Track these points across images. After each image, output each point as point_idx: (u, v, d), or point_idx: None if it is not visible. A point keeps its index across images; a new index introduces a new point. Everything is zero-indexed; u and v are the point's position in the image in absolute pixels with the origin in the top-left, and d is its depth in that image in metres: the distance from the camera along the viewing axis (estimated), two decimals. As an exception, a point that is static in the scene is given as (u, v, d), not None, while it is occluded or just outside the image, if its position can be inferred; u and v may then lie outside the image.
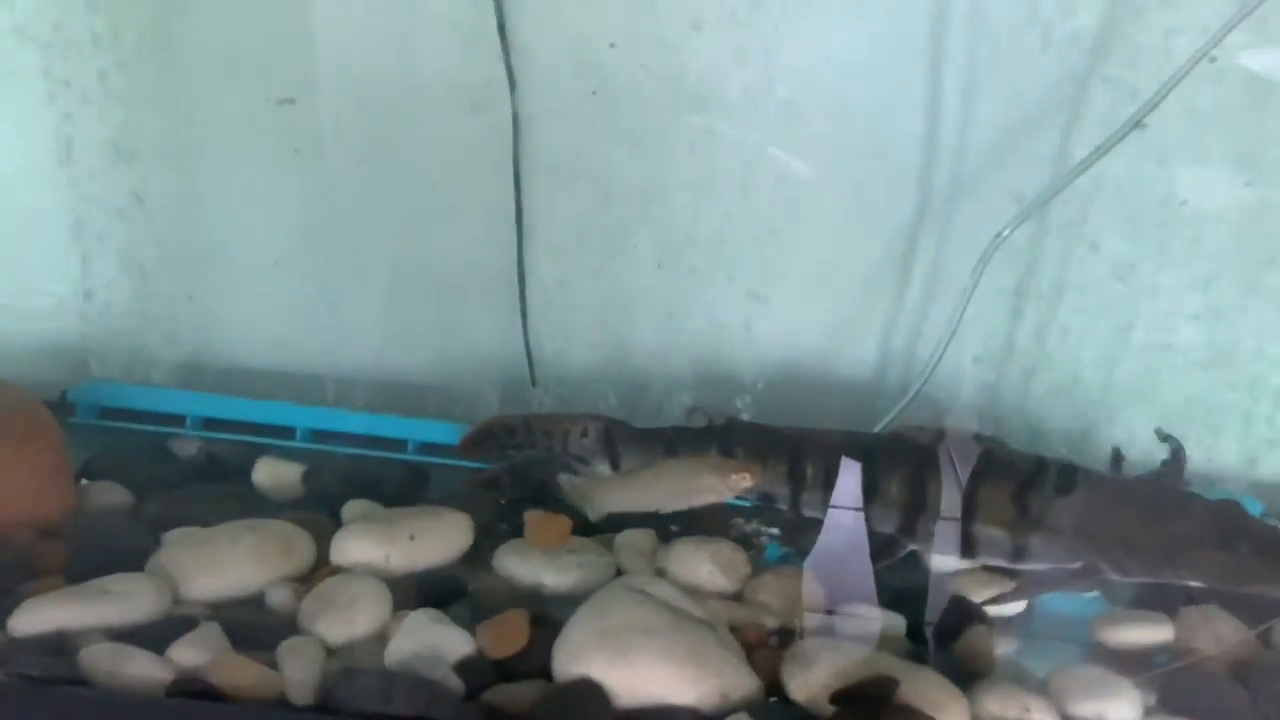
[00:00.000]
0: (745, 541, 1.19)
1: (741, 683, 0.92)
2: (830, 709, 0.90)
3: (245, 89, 1.36)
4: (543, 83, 1.30)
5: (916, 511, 1.10)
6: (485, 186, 1.35)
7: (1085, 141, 1.19)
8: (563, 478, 1.20)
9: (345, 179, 1.37)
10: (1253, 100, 1.15)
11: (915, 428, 1.14)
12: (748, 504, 1.20)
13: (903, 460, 1.11)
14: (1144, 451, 1.23)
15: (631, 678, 0.89)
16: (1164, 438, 1.24)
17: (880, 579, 1.11)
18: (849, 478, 1.11)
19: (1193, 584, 1.02)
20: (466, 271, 1.41)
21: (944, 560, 1.13)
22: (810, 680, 0.92)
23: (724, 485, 1.09)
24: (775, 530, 1.21)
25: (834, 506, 1.11)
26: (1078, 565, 1.06)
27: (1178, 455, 1.24)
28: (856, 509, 1.11)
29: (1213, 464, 1.28)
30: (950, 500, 1.07)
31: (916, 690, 0.90)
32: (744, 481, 1.08)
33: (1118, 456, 1.25)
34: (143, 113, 1.39)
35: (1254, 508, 1.18)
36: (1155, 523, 1.04)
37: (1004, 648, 1.06)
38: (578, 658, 0.92)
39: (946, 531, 1.08)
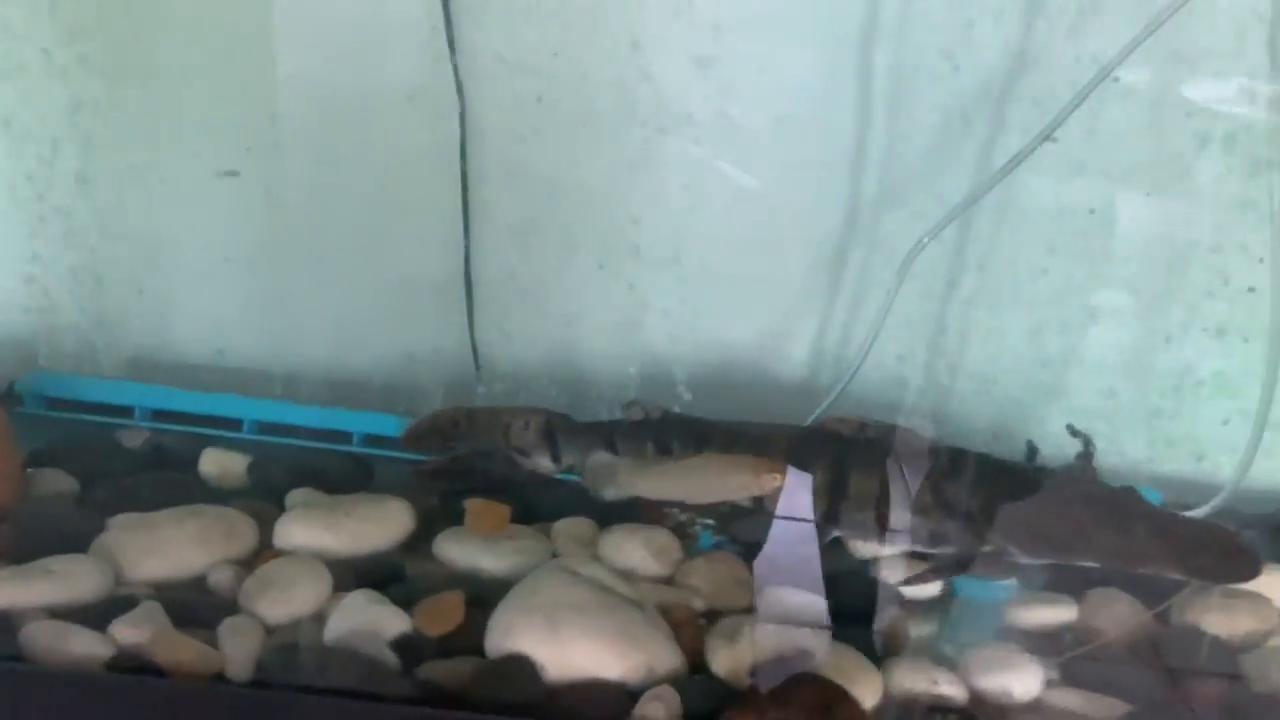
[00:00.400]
0: (680, 530, 1.23)
1: (667, 658, 0.96)
2: (748, 681, 0.95)
3: (199, 91, 1.39)
4: (489, 90, 1.34)
5: (839, 499, 1.15)
6: (434, 188, 1.38)
7: (1003, 153, 1.27)
8: (596, 455, 1.22)
9: (297, 177, 1.40)
10: (1154, 116, 1.24)
11: (838, 419, 1.19)
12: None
13: (825, 451, 1.16)
14: (1058, 447, 1.30)
15: (560, 653, 0.94)
16: (1074, 433, 1.31)
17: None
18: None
19: (1091, 565, 1.09)
20: (415, 270, 1.44)
21: (866, 546, 1.20)
22: (731, 655, 0.97)
23: (756, 483, 1.11)
24: (710, 520, 1.26)
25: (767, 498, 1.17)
26: (988, 549, 1.12)
27: (1088, 449, 1.31)
28: (791, 501, 1.17)
29: (1123, 459, 1.35)
30: (869, 488, 1.14)
31: (830, 664, 0.96)
32: (774, 482, 1.10)
33: (1032, 450, 1.32)
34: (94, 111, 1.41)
35: (1154, 499, 1.25)
36: (1059, 508, 1.10)
37: (924, 629, 1.11)
38: (509, 634, 0.96)
39: (866, 519, 1.15)
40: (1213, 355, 1.32)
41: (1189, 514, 1.26)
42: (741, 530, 1.21)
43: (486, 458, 1.25)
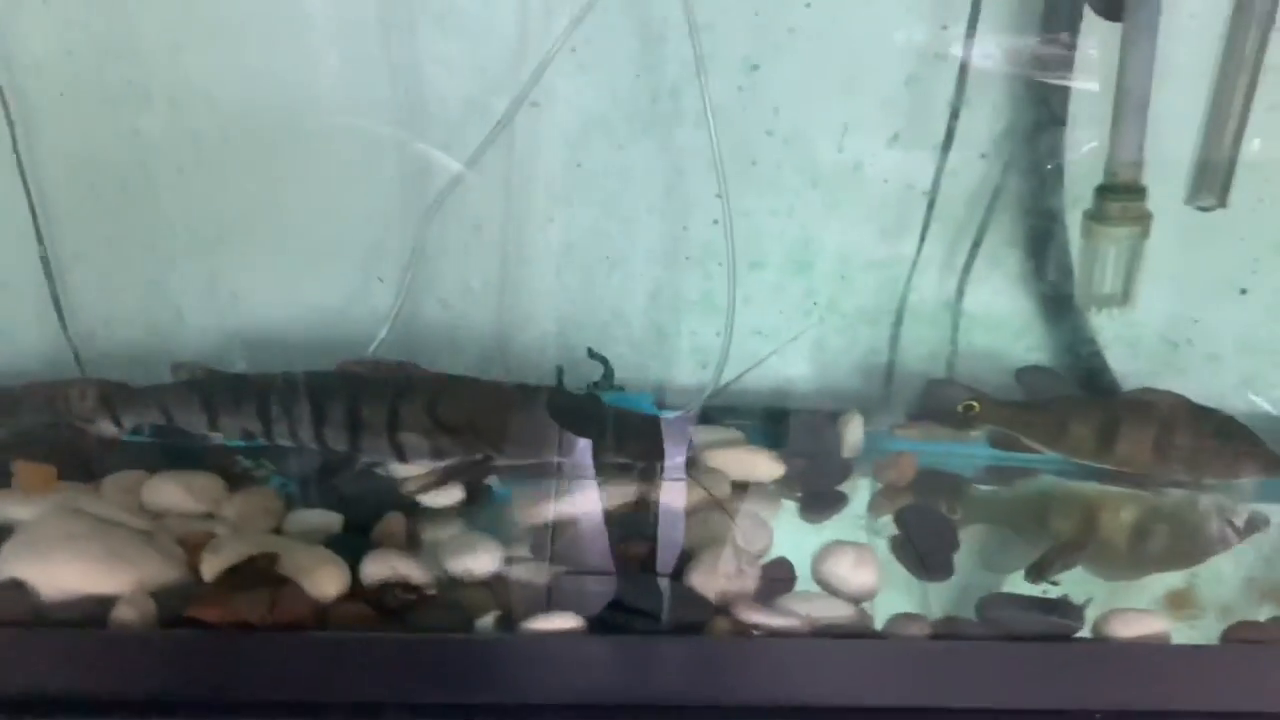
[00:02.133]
0: (245, 474, 1.40)
1: (160, 573, 1.13)
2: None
3: None
4: (38, 84, 1.46)
5: (359, 431, 1.33)
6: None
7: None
8: None
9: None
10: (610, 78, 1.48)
11: (354, 362, 1.37)
12: (242, 444, 1.40)
13: (344, 390, 1.34)
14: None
15: (50, 575, 1.10)
16: (593, 355, 1.54)
17: (333, 488, 1.36)
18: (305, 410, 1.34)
19: (563, 460, 1.31)
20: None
21: (398, 468, 1.38)
22: (214, 563, 1.14)
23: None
24: (270, 463, 1.43)
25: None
26: (479, 457, 1.33)
27: (607, 371, 1.54)
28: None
29: (649, 374, 1.59)
30: (379, 418, 1.32)
31: (297, 562, 1.14)
32: None
33: (560, 373, 1.54)
34: None
35: (646, 404, 1.49)
36: (531, 418, 1.33)
37: (445, 529, 1.31)
38: (9, 565, 1.11)
39: (381, 443, 1.33)
40: (697, 279, 1.57)
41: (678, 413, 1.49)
42: (290, 467, 1.39)
43: (53, 428, 1.39)
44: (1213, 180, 1.43)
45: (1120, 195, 1.46)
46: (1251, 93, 1.39)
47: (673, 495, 1.32)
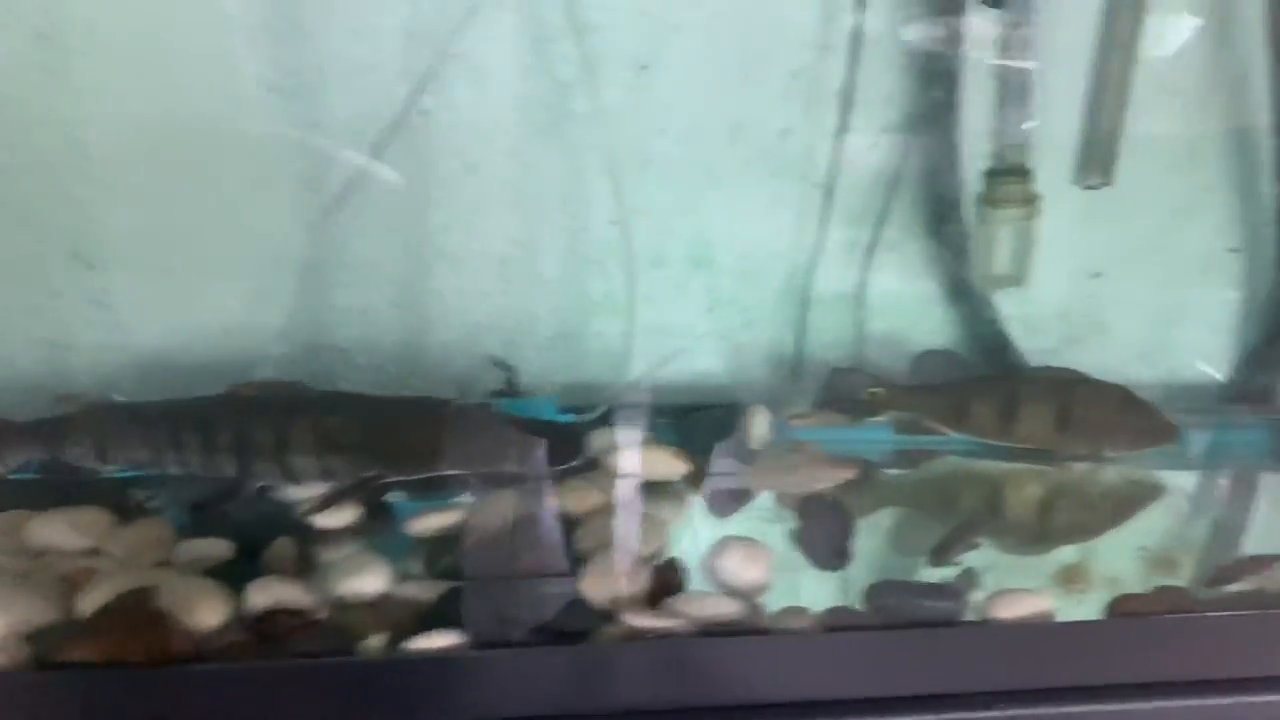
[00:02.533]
0: (137, 506, 1.37)
1: (37, 614, 1.10)
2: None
3: None
4: None
5: (248, 455, 1.31)
6: None
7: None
8: None
9: None
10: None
11: (245, 384, 1.36)
12: (132, 475, 1.37)
13: (233, 414, 1.31)
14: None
15: (-82, 625, 1.08)
16: (497, 364, 1.53)
17: (225, 516, 1.34)
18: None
19: (450, 472, 1.30)
20: None
21: (291, 490, 1.36)
22: (91, 600, 1.12)
23: None
24: (162, 493, 1.40)
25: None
26: (371, 473, 1.31)
27: (511, 378, 1.54)
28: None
29: (549, 377, 1.58)
30: (268, 440, 1.30)
31: (176, 594, 1.12)
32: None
33: (462, 391, 1.53)
34: None
35: (550, 410, 1.49)
36: (419, 430, 1.31)
37: (341, 550, 1.30)
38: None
39: (271, 466, 1.31)
40: (599, 280, 1.57)
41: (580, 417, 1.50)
42: (182, 496, 1.37)
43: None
44: (1098, 159, 1.44)
45: (1008, 178, 1.48)
46: (1129, 72, 1.41)
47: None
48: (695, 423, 1.54)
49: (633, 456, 1.47)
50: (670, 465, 1.46)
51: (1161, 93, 1.52)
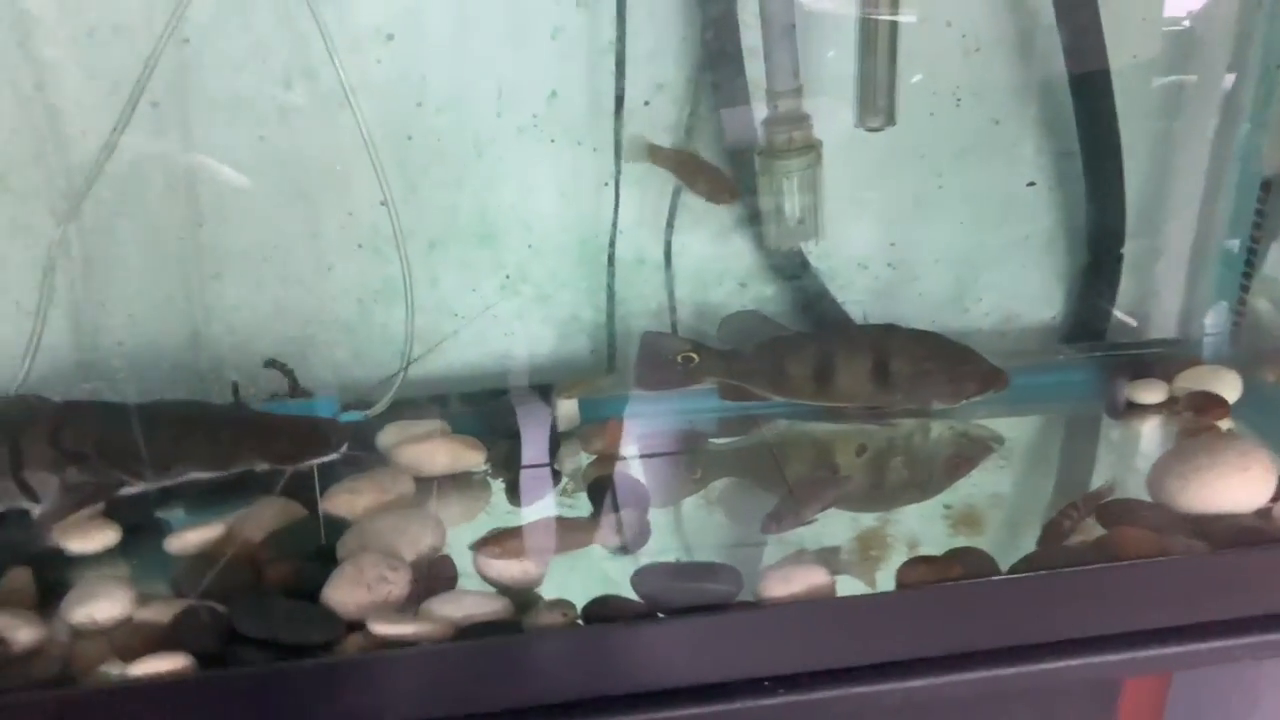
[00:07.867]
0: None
1: None
2: None
3: None
4: None
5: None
6: None
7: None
8: None
9: None
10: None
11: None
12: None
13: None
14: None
15: None
16: (272, 365, 1.44)
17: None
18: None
19: (201, 476, 1.22)
20: None
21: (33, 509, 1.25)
22: None
23: None
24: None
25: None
26: (111, 482, 1.22)
27: (292, 380, 1.44)
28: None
29: (340, 371, 1.49)
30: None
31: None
32: None
33: (236, 389, 1.44)
34: None
35: (330, 409, 1.40)
36: (163, 433, 1.21)
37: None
38: None
39: (7, 485, 1.20)
40: (375, 266, 1.46)
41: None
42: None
43: None
44: (876, 100, 1.35)
45: (784, 125, 1.39)
46: (895, 8, 1.32)
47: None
48: (496, 409, 1.47)
49: (428, 448, 1.40)
50: (467, 455, 1.39)
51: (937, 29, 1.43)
